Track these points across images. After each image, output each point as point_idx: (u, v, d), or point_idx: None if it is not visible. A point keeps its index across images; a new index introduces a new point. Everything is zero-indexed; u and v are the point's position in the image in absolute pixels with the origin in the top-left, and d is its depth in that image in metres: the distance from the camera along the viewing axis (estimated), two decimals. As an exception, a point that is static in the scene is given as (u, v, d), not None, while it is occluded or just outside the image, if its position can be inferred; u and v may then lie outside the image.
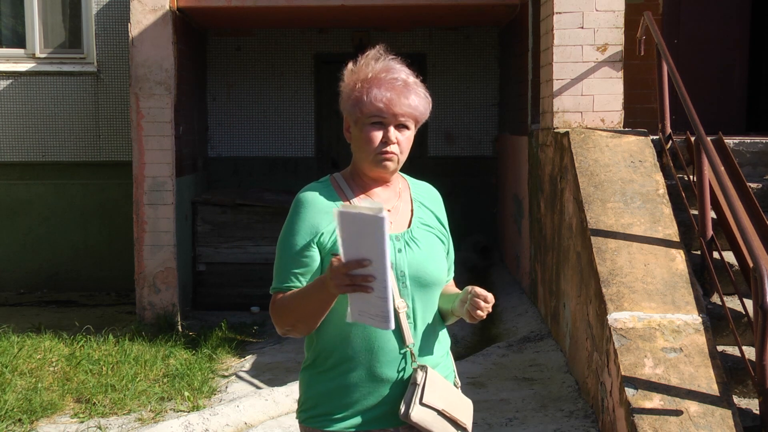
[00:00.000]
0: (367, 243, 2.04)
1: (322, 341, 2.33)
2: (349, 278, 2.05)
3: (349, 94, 2.30)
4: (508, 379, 5.56)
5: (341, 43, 9.60)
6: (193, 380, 5.79)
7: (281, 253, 2.34)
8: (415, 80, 2.31)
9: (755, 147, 5.78)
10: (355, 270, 2.04)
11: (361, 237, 2.04)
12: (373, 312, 2.10)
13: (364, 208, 2.03)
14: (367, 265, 2.04)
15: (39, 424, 5.07)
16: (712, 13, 7.42)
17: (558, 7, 5.93)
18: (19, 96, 8.95)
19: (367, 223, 2.02)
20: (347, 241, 2.07)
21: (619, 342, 4.24)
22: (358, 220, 2.04)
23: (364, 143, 2.31)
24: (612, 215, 5.00)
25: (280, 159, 9.67)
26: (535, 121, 7.08)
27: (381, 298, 2.06)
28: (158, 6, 7.31)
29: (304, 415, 2.36)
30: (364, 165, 2.35)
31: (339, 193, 2.36)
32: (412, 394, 2.25)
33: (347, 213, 2.05)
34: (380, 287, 2.05)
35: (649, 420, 3.84)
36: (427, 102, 2.32)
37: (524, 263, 7.64)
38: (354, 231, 2.06)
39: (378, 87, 2.26)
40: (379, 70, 2.29)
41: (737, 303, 4.60)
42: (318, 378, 2.33)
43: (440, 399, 2.27)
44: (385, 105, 2.25)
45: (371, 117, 2.27)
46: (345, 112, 2.35)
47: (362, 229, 2.04)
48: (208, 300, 8.26)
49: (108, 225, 9.13)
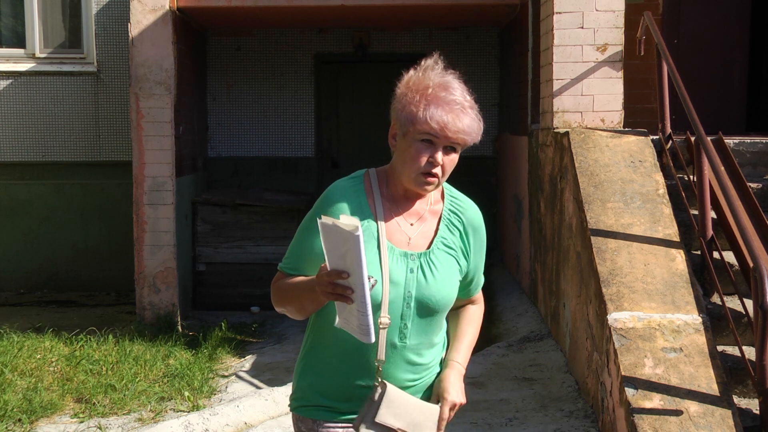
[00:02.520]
0: (347, 257, 2.06)
1: (315, 336, 2.38)
2: (331, 287, 2.07)
3: (405, 105, 2.24)
4: (508, 379, 5.56)
5: (341, 43, 9.60)
6: (193, 380, 5.79)
7: (297, 239, 2.36)
8: (471, 102, 2.26)
9: (755, 147, 5.78)
10: (337, 280, 2.07)
11: (342, 250, 2.06)
12: (354, 323, 2.12)
13: (341, 223, 2.05)
14: (345, 278, 2.06)
15: (39, 424, 5.07)
16: (712, 13, 7.42)
17: (558, 7, 5.93)
18: (19, 96, 8.95)
19: (345, 238, 2.04)
20: (331, 251, 2.09)
21: (619, 342, 4.24)
22: (337, 233, 2.05)
23: (410, 159, 2.24)
24: (612, 215, 5.00)
25: (280, 159, 9.67)
26: (535, 121, 7.08)
27: (360, 312, 2.08)
28: (158, 6, 7.31)
29: (295, 403, 2.42)
30: (404, 179, 2.28)
31: (368, 194, 2.32)
32: (366, 409, 2.27)
33: (326, 224, 2.07)
34: (359, 301, 2.07)
35: (649, 420, 3.84)
36: (479, 126, 2.26)
37: (524, 263, 7.64)
38: (335, 243, 2.07)
39: (436, 106, 2.20)
40: (438, 85, 2.24)
41: (737, 303, 4.60)
42: (307, 370, 2.38)
43: (396, 418, 2.26)
44: (439, 127, 2.20)
45: (423, 134, 2.22)
46: (395, 120, 2.29)
47: (341, 243, 2.06)
48: (208, 300, 8.26)
49: (108, 225, 9.13)
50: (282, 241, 8.13)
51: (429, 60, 2.31)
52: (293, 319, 2.39)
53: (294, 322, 7.56)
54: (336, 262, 2.08)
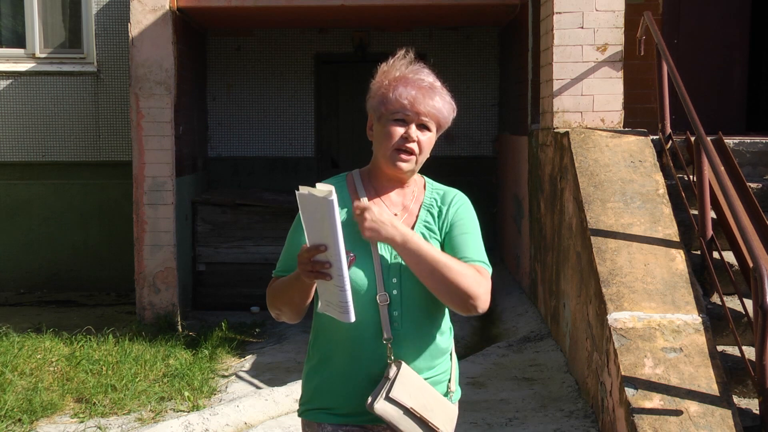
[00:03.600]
0: (324, 228, 2.06)
1: (315, 337, 2.41)
2: (311, 264, 2.11)
3: (376, 91, 2.35)
4: (508, 379, 5.56)
5: (341, 43, 9.60)
6: (193, 380, 5.79)
7: (286, 242, 2.43)
8: (441, 85, 2.35)
9: (755, 147, 5.78)
10: (315, 256, 2.10)
11: (319, 221, 2.06)
12: (334, 302, 2.12)
13: (316, 190, 2.06)
14: (323, 251, 2.07)
15: (39, 424, 5.07)
16: (712, 13, 7.42)
17: (558, 7, 5.93)
18: (19, 96, 8.95)
19: (320, 206, 2.04)
20: (309, 226, 2.11)
21: (619, 342, 4.24)
22: (312, 202, 2.06)
23: (384, 138, 2.32)
24: (612, 215, 5.00)
25: (280, 159, 9.67)
26: (535, 121, 7.08)
27: (338, 287, 2.08)
28: (158, 6, 7.31)
29: (301, 408, 2.44)
30: (381, 161, 2.35)
31: (351, 192, 2.38)
32: (381, 386, 2.25)
33: (303, 195, 2.08)
34: (337, 275, 2.07)
35: (649, 420, 3.84)
36: (451, 107, 2.35)
37: (524, 263, 7.64)
38: (312, 215, 2.08)
39: (404, 85, 2.30)
40: (408, 70, 2.34)
41: (737, 303, 4.60)
42: (311, 373, 2.41)
43: (410, 397, 2.26)
44: (409, 102, 2.28)
45: (395, 113, 2.30)
46: (370, 110, 2.37)
47: (317, 213, 2.06)
48: (208, 300, 8.26)
49: (108, 225, 9.13)
50: (282, 241, 8.06)
51: (398, 53, 2.39)
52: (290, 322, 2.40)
53: (294, 322, 7.55)
54: (314, 237, 2.10)
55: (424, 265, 2.21)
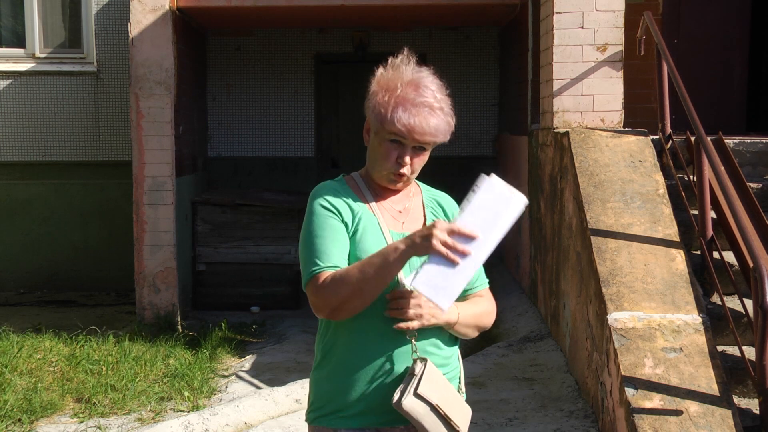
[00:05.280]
0: (487, 222, 2.06)
1: (334, 342, 2.32)
2: (450, 241, 2.08)
3: (375, 104, 2.29)
4: (508, 379, 5.56)
5: (341, 43, 9.60)
6: (193, 380, 5.79)
7: (317, 237, 2.26)
8: (442, 100, 2.28)
9: (755, 147, 5.78)
10: (457, 237, 2.08)
11: (486, 213, 2.06)
12: (441, 284, 2.08)
13: (511, 187, 2.06)
14: (471, 241, 2.06)
15: (39, 424, 5.07)
16: (712, 13, 7.42)
17: (558, 7, 5.93)
18: (19, 96, 8.95)
19: (503, 202, 2.05)
20: (471, 210, 2.08)
21: (619, 342, 4.24)
22: (501, 195, 2.05)
23: (380, 158, 2.30)
24: (612, 215, 5.00)
25: (280, 159, 9.67)
26: (535, 121, 7.08)
27: (462, 275, 2.08)
28: (158, 6, 7.31)
29: (313, 414, 2.35)
30: (375, 175, 2.35)
31: (356, 192, 2.36)
32: (408, 383, 2.21)
33: (494, 181, 2.07)
34: (467, 266, 2.07)
35: (649, 420, 3.84)
36: (448, 126, 2.29)
37: (524, 263, 7.64)
38: (484, 204, 2.07)
39: (404, 108, 2.24)
40: (409, 84, 2.26)
41: (737, 303, 4.60)
42: (327, 376, 2.32)
43: (436, 394, 2.23)
44: (406, 129, 2.24)
45: (391, 135, 2.26)
46: (368, 116, 2.33)
47: (494, 206, 2.05)
48: (208, 300, 8.26)
49: (108, 225, 9.13)
50: (282, 241, 8.13)
51: (400, 56, 2.34)
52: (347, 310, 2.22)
53: (294, 322, 7.56)
54: (468, 222, 2.07)
55: (466, 330, 2.38)
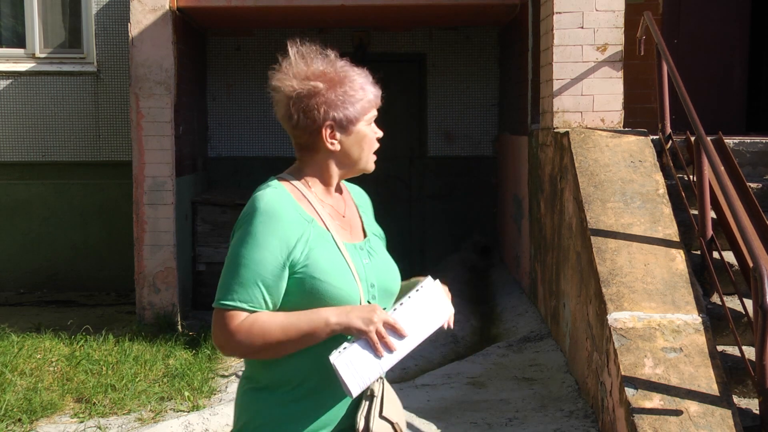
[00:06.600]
0: (419, 323, 2.11)
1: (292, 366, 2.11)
2: (384, 332, 2.04)
3: (326, 97, 2.13)
4: (508, 379, 5.56)
5: (341, 43, 9.59)
6: (193, 380, 5.79)
7: (245, 268, 2.06)
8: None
9: (755, 147, 5.78)
10: (390, 330, 2.06)
11: (421, 315, 2.12)
12: (359, 370, 2.03)
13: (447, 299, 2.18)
14: (400, 338, 2.08)
15: (39, 424, 5.07)
16: (712, 13, 7.42)
17: (558, 7, 5.93)
18: (19, 96, 8.95)
19: (437, 309, 2.14)
20: (409, 308, 2.12)
21: (619, 342, 4.24)
22: (437, 301, 2.14)
23: (368, 144, 2.19)
24: (612, 215, 5.00)
25: (280, 159, 9.61)
26: (535, 121, 7.08)
27: (378, 367, 2.06)
28: (158, 6, 7.31)
29: None
30: (360, 166, 2.20)
31: (302, 202, 2.16)
32: (370, 406, 2.09)
33: (437, 287, 2.16)
34: (386, 360, 2.07)
35: (649, 420, 3.84)
36: None
37: (524, 263, 7.64)
38: (422, 305, 2.13)
39: (364, 81, 2.17)
40: (340, 68, 2.18)
41: (737, 303, 4.60)
42: (279, 402, 2.11)
43: (395, 413, 2.15)
44: (375, 96, 2.19)
45: (371, 113, 2.19)
46: (326, 123, 2.14)
47: (429, 310, 2.13)
48: (208, 300, 8.18)
49: (108, 225, 9.13)
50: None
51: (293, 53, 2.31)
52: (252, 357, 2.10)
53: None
54: (403, 317, 2.10)
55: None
